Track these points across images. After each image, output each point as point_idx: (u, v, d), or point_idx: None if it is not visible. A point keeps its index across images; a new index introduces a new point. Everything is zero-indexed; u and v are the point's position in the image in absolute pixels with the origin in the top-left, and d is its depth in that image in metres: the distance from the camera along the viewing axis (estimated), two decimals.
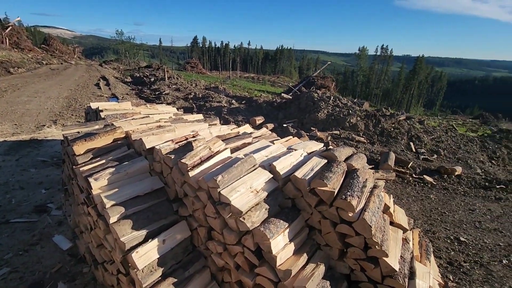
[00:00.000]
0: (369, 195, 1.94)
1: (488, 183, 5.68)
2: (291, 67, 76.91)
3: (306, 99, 10.79)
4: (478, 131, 18.64)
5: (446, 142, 7.60)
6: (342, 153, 2.27)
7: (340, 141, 7.80)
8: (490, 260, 2.91)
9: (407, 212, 3.98)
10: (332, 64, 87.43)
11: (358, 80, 60.77)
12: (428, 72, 58.72)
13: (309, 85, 25.66)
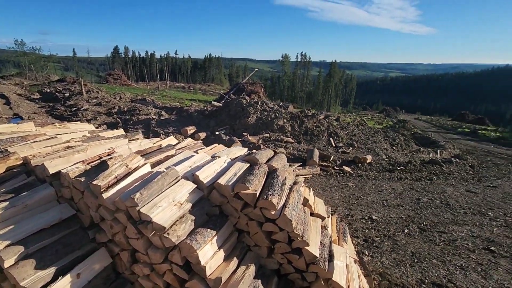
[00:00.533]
0: (289, 192, 2.10)
1: (391, 166, 6.76)
2: (220, 75, 77.64)
3: (235, 106, 11.02)
4: (383, 123, 22.01)
5: (358, 135, 8.76)
6: (263, 155, 2.40)
7: (270, 143, 8.20)
8: (396, 232, 3.47)
9: (331, 200, 4.43)
10: (260, 70, 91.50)
11: (284, 84, 65.26)
12: (341, 75, 66.90)
13: (240, 91, 26.32)
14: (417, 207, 4.33)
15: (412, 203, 4.50)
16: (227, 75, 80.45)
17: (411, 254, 2.94)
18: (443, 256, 2.92)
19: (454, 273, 2.62)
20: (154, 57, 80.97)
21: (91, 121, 10.06)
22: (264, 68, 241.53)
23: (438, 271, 2.64)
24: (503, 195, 5.20)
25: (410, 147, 9.00)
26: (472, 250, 3.07)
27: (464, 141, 15.54)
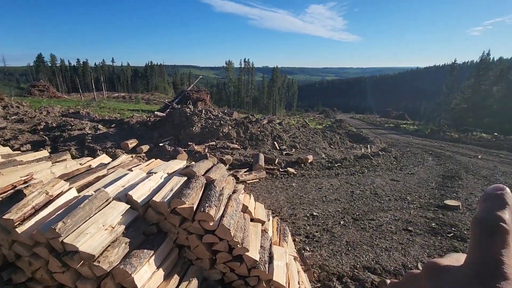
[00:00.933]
0: (227, 201, 2.16)
1: (330, 164, 7.36)
2: (164, 83, 74.66)
3: (179, 115, 10.73)
4: (323, 123, 23.77)
5: (300, 137, 9.33)
6: (201, 167, 2.42)
7: (217, 150, 8.20)
8: (333, 225, 3.80)
9: (276, 202, 4.63)
10: (204, 77, 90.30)
11: (230, 90, 65.84)
12: (283, 80, 70.36)
13: (185, 99, 25.66)
14: (351, 199, 4.81)
15: (347, 196, 4.97)
16: (171, 83, 77.75)
17: (346, 243, 3.26)
18: (372, 241, 3.30)
19: (380, 255, 2.99)
20: (88, 66, 73.92)
21: (10, 141, 8.70)
22: (209, 75, 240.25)
23: (367, 255, 2.98)
24: (419, 180, 6.11)
25: (345, 144, 9.93)
26: (394, 232, 3.54)
27: (390, 135, 17.73)
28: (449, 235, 3.45)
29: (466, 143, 13.95)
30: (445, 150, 10.94)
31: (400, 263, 2.84)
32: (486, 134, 17.32)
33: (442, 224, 3.80)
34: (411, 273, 0.30)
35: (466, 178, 6.34)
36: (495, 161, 8.69)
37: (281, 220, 3.96)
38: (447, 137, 15.95)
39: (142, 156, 7.64)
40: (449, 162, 8.18)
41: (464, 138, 15.27)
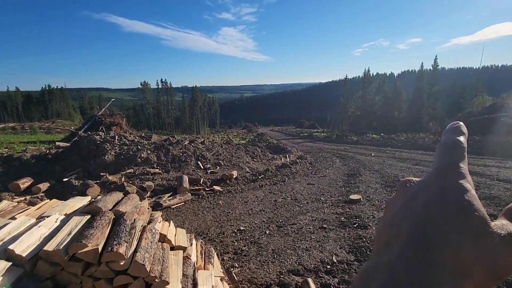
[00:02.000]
0: (141, 234, 2.00)
1: (254, 177, 7.65)
2: (69, 108, 64.78)
3: (87, 144, 9.48)
4: (246, 138, 24.64)
5: (223, 154, 9.43)
6: (108, 201, 2.19)
7: (136, 178, 7.54)
8: (259, 236, 3.93)
9: (203, 223, 4.51)
10: (118, 100, 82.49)
11: (148, 112, 61.90)
12: (204, 99, 70.49)
13: (97, 125, 22.81)
14: (275, 208, 5.08)
15: (271, 206, 5.24)
16: (78, 108, 68.13)
17: (272, 252, 3.41)
18: (294, 244, 3.55)
19: (302, 256, 3.24)
20: None
21: None
22: (124, 97, 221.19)
23: (291, 259, 3.19)
24: (330, 181, 6.92)
25: (266, 156, 10.51)
26: (313, 232, 3.90)
27: (305, 143, 19.64)
28: (355, 226, 4.01)
29: (363, 144, 16.61)
30: (348, 151, 12.78)
31: (319, 260, 3.13)
32: (376, 135, 21.05)
33: (349, 217, 4.38)
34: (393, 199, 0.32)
35: (364, 173, 7.53)
36: (383, 157, 10.61)
37: (209, 240, 3.88)
38: (349, 140, 18.70)
39: (40, 197, 6.40)
40: (351, 162, 9.58)
41: (361, 140, 18.16)
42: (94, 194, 6.29)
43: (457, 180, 0.26)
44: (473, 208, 0.24)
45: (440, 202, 0.25)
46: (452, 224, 0.23)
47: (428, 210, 0.25)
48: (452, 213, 0.24)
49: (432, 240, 0.23)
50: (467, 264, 0.23)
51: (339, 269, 2.92)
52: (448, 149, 0.29)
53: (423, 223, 0.24)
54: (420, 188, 0.28)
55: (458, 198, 0.25)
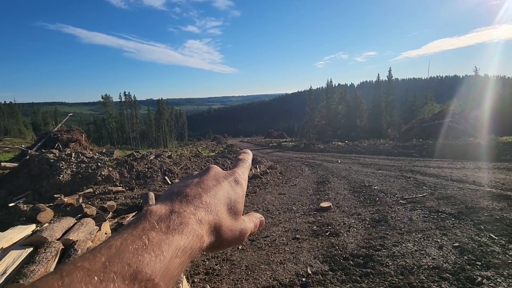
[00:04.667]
0: None
1: None
2: (19, 125, 58.75)
3: (39, 163, 8.62)
4: (216, 150, 24.28)
5: (192, 168, 9.12)
6: (56, 229, 1.91)
7: (96, 198, 6.97)
8: (232, 252, 3.75)
9: None
10: (77, 114, 77.23)
11: (111, 127, 58.60)
12: (170, 111, 68.68)
13: (53, 142, 20.87)
14: None
15: None
16: (30, 124, 62.29)
17: (245, 268, 3.26)
18: (268, 258, 3.44)
19: (277, 270, 3.13)
20: None
21: None
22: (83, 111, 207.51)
23: (266, 274, 3.07)
24: (300, 190, 6.97)
25: None
26: (286, 243, 3.83)
27: (274, 152, 19.85)
28: (327, 234, 4.01)
29: (329, 151, 17.21)
30: (316, 159, 13.12)
31: (294, 273, 3.05)
32: (341, 142, 21.97)
33: (321, 225, 4.40)
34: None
35: (332, 180, 7.72)
36: (349, 163, 11.04)
37: None
38: (316, 148, 19.28)
39: None
40: (320, 169, 9.81)
41: (327, 148, 18.81)
42: (46, 219, 5.64)
43: (229, 172, 0.41)
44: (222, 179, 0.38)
45: (211, 176, 0.38)
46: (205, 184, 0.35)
47: (202, 178, 0.37)
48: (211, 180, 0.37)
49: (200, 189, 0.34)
50: (210, 206, 0.32)
51: (314, 281, 2.86)
52: (236, 162, 0.46)
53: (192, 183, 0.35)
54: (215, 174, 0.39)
55: (218, 174, 0.39)
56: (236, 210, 0.36)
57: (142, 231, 0.26)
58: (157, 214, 0.28)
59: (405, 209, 4.82)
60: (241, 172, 0.41)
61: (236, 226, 0.35)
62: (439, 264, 2.92)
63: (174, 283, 0.26)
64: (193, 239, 0.28)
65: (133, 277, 0.22)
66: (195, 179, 0.36)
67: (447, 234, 3.65)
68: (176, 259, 0.25)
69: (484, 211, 4.34)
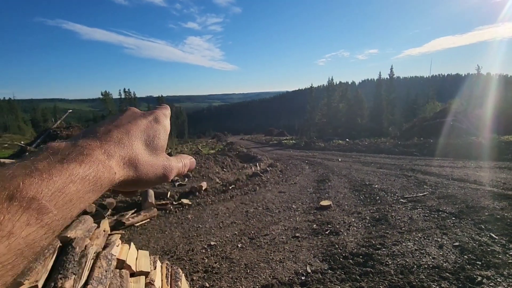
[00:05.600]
0: (93, 262, 1.75)
1: (224, 187, 7.44)
2: (18, 121, 58.72)
3: None
4: (215, 147, 24.27)
5: None
6: None
7: None
8: (231, 250, 3.75)
9: (171, 241, 4.22)
10: (76, 111, 77.26)
11: None
12: (171, 108, 68.61)
13: (52, 139, 20.92)
14: (247, 219, 4.94)
15: (242, 217, 5.09)
16: (29, 121, 62.25)
17: (244, 266, 3.25)
18: (267, 256, 3.43)
19: (276, 269, 3.13)
20: None
21: None
22: (83, 108, 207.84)
23: (265, 273, 3.06)
24: (300, 189, 6.96)
25: (237, 165, 10.36)
26: (286, 242, 3.82)
27: (275, 150, 19.81)
28: (327, 232, 4.00)
29: (330, 150, 17.18)
30: (316, 158, 13.10)
31: (293, 271, 3.05)
32: (341, 140, 21.92)
33: (320, 223, 4.39)
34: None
35: (333, 179, 7.70)
36: (350, 162, 11.02)
37: (177, 259, 3.62)
38: (317, 147, 19.24)
39: None
40: (320, 168, 9.79)
41: (328, 146, 18.78)
42: None
43: (148, 112, 0.40)
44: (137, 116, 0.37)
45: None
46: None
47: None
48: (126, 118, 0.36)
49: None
50: (122, 141, 0.32)
51: (314, 280, 2.85)
52: (158, 106, 0.44)
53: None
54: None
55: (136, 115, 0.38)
56: (155, 146, 0.35)
57: (32, 161, 0.24)
58: (54, 148, 0.27)
59: (405, 208, 4.80)
60: (161, 113, 0.41)
61: (157, 161, 0.35)
62: (439, 264, 2.91)
63: (75, 211, 0.25)
64: (97, 169, 0.27)
65: (10, 196, 0.21)
66: (109, 119, 0.36)
67: (447, 233, 3.63)
68: (71, 185, 0.24)
69: (485, 210, 4.32)
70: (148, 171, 0.33)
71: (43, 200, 0.22)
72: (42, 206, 0.22)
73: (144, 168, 0.33)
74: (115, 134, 0.32)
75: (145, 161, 0.33)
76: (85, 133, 0.32)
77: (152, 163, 0.34)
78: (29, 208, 0.21)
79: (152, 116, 0.39)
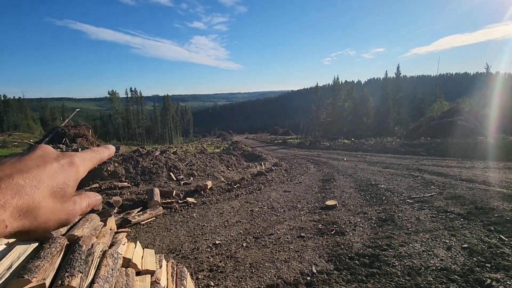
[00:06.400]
0: (100, 261, 1.76)
1: (229, 186, 7.45)
2: (28, 120, 59.73)
3: None
4: (221, 146, 24.31)
5: (197, 164, 9.13)
6: None
7: (102, 193, 7.02)
8: (236, 249, 3.75)
9: (176, 239, 4.24)
10: (84, 110, 78.14)
11: (117, 123, 59.20)
12: (176, 107, 68.99)
13: (60, 137, 21.21)
14: (252, 218, 4.94)
15: (247, 216, 5.08)
16: (39, 119, 63.28)
17: (249, 266, 3.24)
18: (272, 256, 3.42)
19: (281, 268, 3.11)
20: None
21: None
22: (90, 107, 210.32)
23: (270, 272, 3.05)
24: (305, 188, 6.93)
25: (242, 164, 10.36)
26: (291, 242, 3.80)
27: (280, 150, 19.78)
28: (332, 233, 3.97)
29: (335, 149, 17.07)
30: (321, 157, 13.03)
31: (298, 271, 3.03)
32: (347, 140, 21.77)
33: (326, 223, 4.36)
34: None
35: (338, 178, 7.65)
36: (355, 161, 10.93)
37: (183, 257, 3.63)
38: (322, 146, 19.14)
39: None
40: (325, 167, 9.74)
41: (333, 145, 18.66)
42: None
43: (64, 154, 0.37)
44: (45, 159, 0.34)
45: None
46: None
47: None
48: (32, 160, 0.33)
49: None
50: (23, 189, 0.29)
51: (319, 280, 2.83)
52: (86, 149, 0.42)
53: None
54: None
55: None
56: (64, 193, 0.33)
57: None
58: None
59: (412, 208, 4.74)
60: (81, 156, 0.38)
61: (61, 209, 0.33)
62: (447, 266, 2.87)
63: None
64: None
65: None
66: (14, 159, 0.33)
67: (455, 234, 3.57)
68: None
69: (494, 211, 4.24)
70: (49, 219, 0.32)
71: None
72: None
73: (45, 217, 0.31)
74: (16, 180, 0.29)
75: (47, 210, 0.31)
76: None
77: (55, 210, 0.32)
78: None
79: (67, 159, 0.36)
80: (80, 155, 0.38)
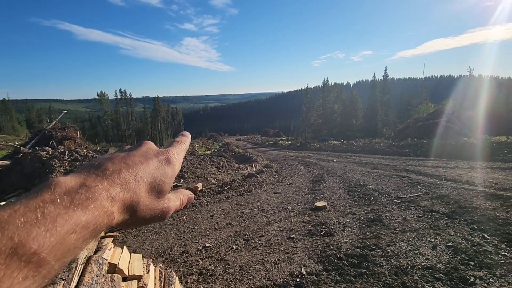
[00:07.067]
0: (84, 267, 1.72)
1: (220, 188, 7.41)
2: (12, 122, 57.82)
3: (31, 161, 8.51)
4: (212, 148, 24.18)
5: (187, 166, 9.05)
6: None
7: None
8: (226, 252, 3.73)
9: (165, 242, 4.19)
10: (72, 112, 76.52)
11: (107, 124, 58.16)
12: (167, 109, 68.31)
13: (47, 140, 20.61)
14: (242, 220, 4.93)
15: (238, 218, 5.07)
16: (24, 121, 61.39)
17: (239, 268, 3.23)
18: (262, 258, 3.42)
19: (271, 270, 3.12)
20: None
21: None
22: (78, 109, 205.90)
23: (260, 275, 3.05)
24: (296, 189, 6.97)
25: (232, 166, 10.33)
26: (281, 243, 3.81)
27: (270, 151, 19.83)
28: (322, 234, 4.01)
29: (325, 150, 17.25)
30: (311, 158, 13.14)
31: (288, 273, 3.04)
32: (336, 141, 22.03)
33: (315, 224, 4.39)
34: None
35: (328, 179, 7.73)
36: (344, 162, 11.07)
37: (172, 261, 3.59)
38: (312, 147, 19.31)
39: None
40: (315, 168, 9.82)
41: (323, 147, 18.85)
42: None
43: (162, 150, 0.39)
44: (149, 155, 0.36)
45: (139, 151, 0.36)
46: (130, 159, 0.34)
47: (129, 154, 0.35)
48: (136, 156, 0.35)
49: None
50: (128, 184, 0.31)
51: (308, 281, 2.85)
52: (174, 143, 0.43)
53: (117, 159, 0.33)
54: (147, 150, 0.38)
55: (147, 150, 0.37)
56: (160, 190, 0.34)
57: (39, 204, 0.24)
58: (63, 186, 0.26)
59: (399, 208, 4.84)
60: (175, 152, 0.40)
61: (157, 205, 0.34)
62: (432, 264, 2.93)
63: (70, 258, 0.24)
64: (99, 215, 0.26)
65: (13, 251, 0.20)
66: (122, 154, 0.34)
67: (440, 233, 3.66)
68: (73, 235, 0.24)
69: (477, 210, 4.37)
70: (146, 214, 0.33)
71: (44, 253, 0.22)
72: (42, 259, 0.22)
73: (143, 212, 0.32)
74: (124, 175, 0.31)
75: (145, 205, 0.33)
76: (95, 167, 0.31)
77: (153, 206, 0.34)
78: (30, 262, 0.21)
79: (164, 155, 0.37)
80: (174, 151, 0.40)
